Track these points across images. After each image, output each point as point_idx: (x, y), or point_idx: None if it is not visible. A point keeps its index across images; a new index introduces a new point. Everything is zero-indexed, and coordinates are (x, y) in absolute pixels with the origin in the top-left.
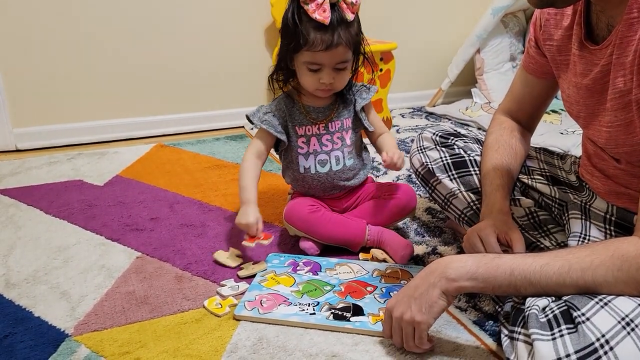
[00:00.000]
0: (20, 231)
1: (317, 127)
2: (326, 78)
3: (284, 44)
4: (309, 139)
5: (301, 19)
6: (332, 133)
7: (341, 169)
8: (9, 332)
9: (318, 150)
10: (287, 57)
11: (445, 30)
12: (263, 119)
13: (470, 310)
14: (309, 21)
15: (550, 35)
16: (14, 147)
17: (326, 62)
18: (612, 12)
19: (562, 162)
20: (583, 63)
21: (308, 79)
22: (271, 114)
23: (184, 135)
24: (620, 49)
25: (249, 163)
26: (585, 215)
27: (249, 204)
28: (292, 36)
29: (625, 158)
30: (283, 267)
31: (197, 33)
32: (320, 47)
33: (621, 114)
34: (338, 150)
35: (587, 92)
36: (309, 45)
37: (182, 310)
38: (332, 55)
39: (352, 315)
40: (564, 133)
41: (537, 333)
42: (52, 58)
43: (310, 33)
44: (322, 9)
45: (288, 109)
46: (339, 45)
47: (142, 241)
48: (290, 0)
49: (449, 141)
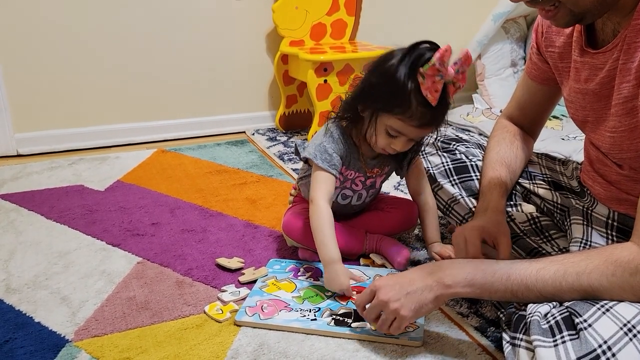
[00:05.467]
0: (21, 236)
1: (358, 173)
2: (400, 147)
3: (374, 96)
4: (345, 180)
5: (410, 88)
6: (367, 177)
7: (359, 204)
8: (9, 337)
9: (347, 187)
10: (370, 107)
11: (446, 36)
12: (330, 162)
13: (472, 316)
14: (417, 94)
15: (552, 42)
16: (16, 152)
17: (410, 135)
18: (620, 18)
19: (564, 168)
20: (587, 69)
21: (381, 140)
22: (334, 156)
23: (185, 140)
24: (627, 54)
25: (325, 211)
26: (587, 221)
27: (335, 264)
28: (392, 95)
29: (628, 164)
30: (284, 272)
31: (198, 39)
32: (416, 123)
33: (626, 119)
34: (364, 190)
35: (594, 97)
36: (404, 117)
37: (183, 315)
38: (420, 132)
39: (353, 321)
40: (565, 139)
41: (539, 339)
42: (53, 64)
43: (413, 104)
44: (434, 87)
45: (347, 152)
46: (431, 126)
47: (143, 246)
48: (404, 56)
49: (450, 146)
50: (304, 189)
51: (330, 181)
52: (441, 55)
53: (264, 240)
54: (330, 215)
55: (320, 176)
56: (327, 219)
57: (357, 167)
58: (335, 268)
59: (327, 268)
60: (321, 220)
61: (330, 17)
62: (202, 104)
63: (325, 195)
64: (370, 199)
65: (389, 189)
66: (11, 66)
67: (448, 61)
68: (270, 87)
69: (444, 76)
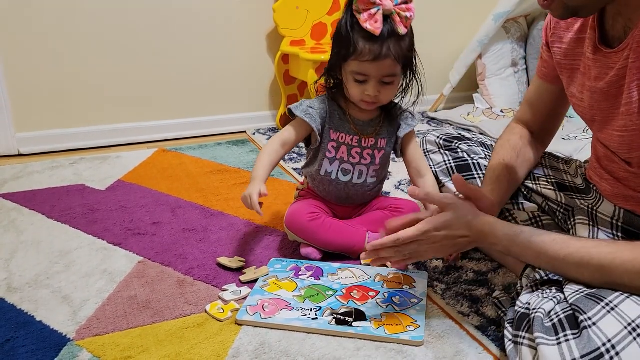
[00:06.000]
0: (22, 235)
1: (352, 138)
2: (371, 90)
3: (335, 51)
4: (339, 146)
5: (353, 28)
6: (364, 148)
7: (361, 183)
8: (11, 336)
9: (345, 159)
10: (336, 65)
11: (446, 36)
12: (307, 111)
13: (472, 315)
14: (360, 31)
15: (560, 38)
16: (17, 151)
17: (373, 73)
18: (631, 15)
19: (567, 167)
20: (598, 67)
21: (354, 89)
22: (315, 110)
23: (186, 140)
24: (637, 52)
25: (270, 147)
26: (592, 222)
27: (255, 179)
28: (342, 44)
29: (637, 162)
30: (285, 272)
31: (199, 39)
32: (368, 57)
33: (636, 118)
34: (364, 166)
35: (602, 96)
36: (357, 55)
37: (184, 315)
38: (379, 67)
39: (355, 320)
40: (566, 138)
41: (542, 337)
42: (54, 63)
43: (359, 42)
44: (374, 19)
45: (330, 111)
46: (387, 57)
47: (144, 246)
48: (345, 8)
49: (452, 145)
50: (306, 175)
51: (297, 126)
52: None
53: (265, 240)
54: (274, 152)
55: (292, 123)
56: (268, 152)
57: (346, 129)
58: (255, 182)
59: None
60: (262, 153)
61: (331, 16)
62: (203, 104)
63: (281, 138)
64: (373, 182)
65: (390, 189)
66: (12, 66)
67: None
68: (271, 86)
69: (382, 7)
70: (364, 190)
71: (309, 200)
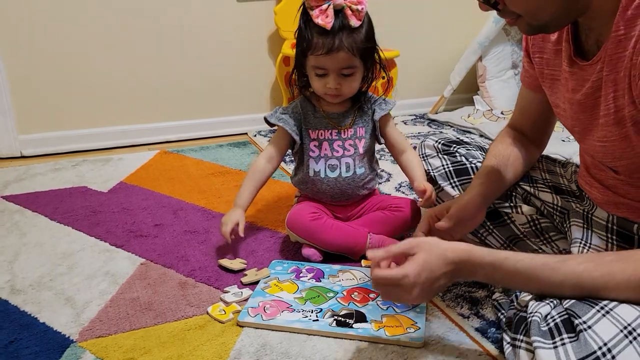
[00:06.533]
0: (25, 237)
1: (330, 132)
2: (332, 83)
3: (297, 48)
4: (321, 143)
5: (308, 24)
6: (344, 140)
7: (351, 176)
8: (14, 338)
9: (329, 155)
10: (300, 61)
11: (447, 37)
12: (280, 117)
13: (472, 317)
14: (314, 27)
15: (540, 48)
16: (19, 153)
17: (330, 66)
18: (599, 29)
19: (563, 170)
20: (574, 79)
21: (316, 83)
22: (288, 114)
23: (188, 142)
24: (610, 65)
25: (254, 167)
26: (587, 224)
27: (237, 208)
28: (301, 40)
29: (624, 170)
30: (286, 273)
31: (201, 40)
32: (321, 51)
33: (615, 129)
34: (349, 157)
35: (580, 108)
36: (312, 49)
37: (186, 316)
38: (333, 59)
39: (355, 322)
40: (565, 140)
41: (539, 341)
42: (57, 65)
43: (314, 37)
44: (325, 14)
45: (304, 112)
46: (340, 50)
47: (146, 247)
48: (301, 6)
49: (451, 149)
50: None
51: (277, 137)
52: None
53: (267, 242)
54: (260, 170)
55: (272, 137)
56: (256, 171)
57: (323, 125)
58: (234, 210)
59: (231, 209)
60: (249, 173)
61: None
62: (205, 106)
63: (266, 154)
64: (362, 172)
65: (390, 191)
66: (15, 68)
67: None
68: (272, 88)
69: (332, 2)
70: (356, 182)
71: (310, 202)
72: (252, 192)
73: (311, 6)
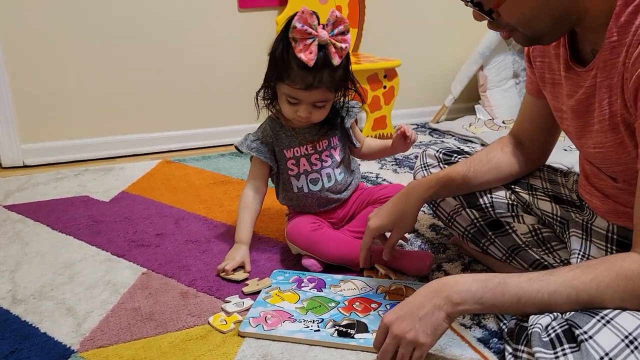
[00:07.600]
0: (27, 247)
1: (305, 148)
2: (303, 112)
3: (270, 68)
4: (298, 160)
5: (288, 53)
6: (320, 152)
7: (333, 184)
8: (15, 348)
9: (309, 170)
10: (270, 82)
11: (448, 47)
12: (252, 146)
13: (474, 327)
14: (294, 58)
15: (542, 52)
16: (22, 163)
17: (304, 99)
18: (594, 39)
19: (565, 179)
20: (569, 84)
21: (286, 109)
22: (258, 141)
23: (189, 151)
24: (604, 71)
25: (245, 201)
26: (586, 234)
27: (241, 244)
28: (276, 66)
29: (621, 177)
30: (287, 283)
31: (203, 50)
32: (300, 85)
33: (610, 134)
34: (328, 168)
35: (573, 114)
36: (289, 81)
37: (187, 326)
38: (310, 95)
39: (357, 332)
40: (567, 150)
41: (541, 352)
42: (59, 75)
43: (292, 69)
44: (309, 50)
45: (274, 133)
46: (319, 88)
47: (147, 257)
48: (282, 30)
49: (452, 158)
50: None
51: (256, 167)
52: (299, 18)
53: (268, 251)
54: (252, 202)
55: (250, 171)
56: (248, 205)
57: (296, 142)
58: (239, 246)
59: (234, 245)
60: (241, 208)
61: None
62: (206, 115)
63: (252, 186)
64: (343, 177)
65: None
66: (18, 77)
67: (314, 23)
68: None
69: (317, 37)
70: (339, 188)
71: (305, 215)
72: (251, 225)
73: (296, 38)
